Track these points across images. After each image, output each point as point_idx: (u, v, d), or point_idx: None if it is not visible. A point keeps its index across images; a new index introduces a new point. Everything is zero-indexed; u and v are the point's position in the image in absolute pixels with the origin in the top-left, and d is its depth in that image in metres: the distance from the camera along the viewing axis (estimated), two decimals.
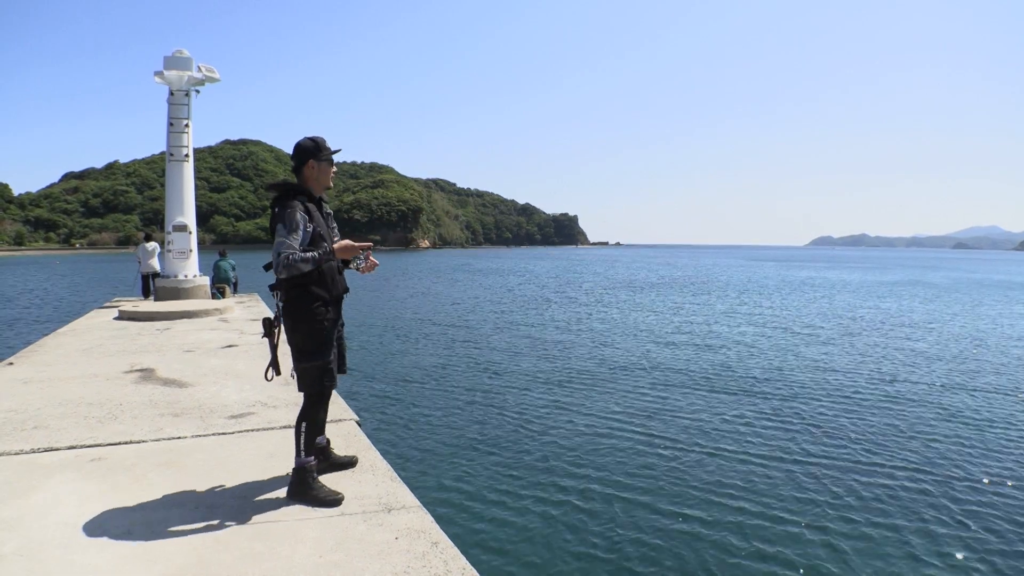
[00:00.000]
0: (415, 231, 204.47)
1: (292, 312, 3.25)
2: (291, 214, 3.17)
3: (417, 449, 8.44)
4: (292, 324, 3.26)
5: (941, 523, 6.48)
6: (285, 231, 3.15)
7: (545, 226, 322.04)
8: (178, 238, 14.10)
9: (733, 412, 10.41)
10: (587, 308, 27.51)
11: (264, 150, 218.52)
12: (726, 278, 52.77)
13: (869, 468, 7.94)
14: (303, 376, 3.29)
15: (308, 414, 3.28)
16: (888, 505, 6.88)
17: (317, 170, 3.40)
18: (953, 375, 13.57)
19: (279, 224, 3.17)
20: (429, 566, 2.60)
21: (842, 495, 7.12)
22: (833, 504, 6.88)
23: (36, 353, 7.58)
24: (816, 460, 8.18)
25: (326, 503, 3.15)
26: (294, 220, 3.16)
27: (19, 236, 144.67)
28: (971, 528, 6.39)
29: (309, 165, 3.38)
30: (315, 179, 3.42)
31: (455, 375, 13.11)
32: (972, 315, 25.99)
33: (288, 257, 3.09)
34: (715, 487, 7.30)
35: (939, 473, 7.82)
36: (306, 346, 3.26)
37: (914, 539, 6.15)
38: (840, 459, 8.23)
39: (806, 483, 7.45)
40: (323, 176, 3.44)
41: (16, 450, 3.93)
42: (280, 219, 3.18)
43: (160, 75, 13.97)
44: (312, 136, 3.43)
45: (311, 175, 3.40)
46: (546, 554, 5.74)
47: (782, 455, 8.36)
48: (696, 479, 7.53)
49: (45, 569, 2.53)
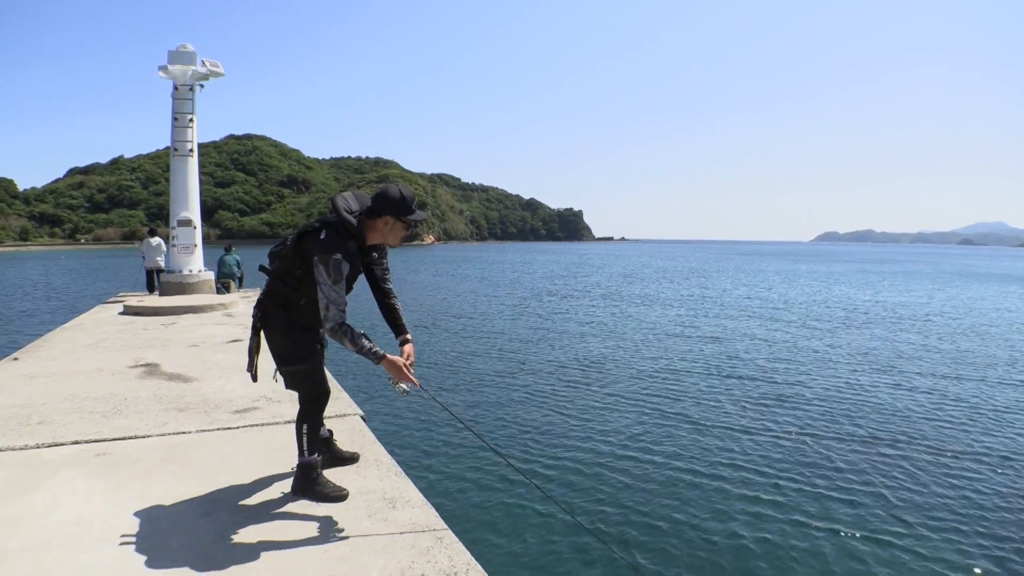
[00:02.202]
0: (420, 226, 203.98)
1: (273, 313, 3.16)
2: (337, 263, 2.86)
3: (422, 444, 8.44)
4: (272, 326, 3.17)
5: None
6: (331, 280, 2.86)
7: (550, 221, 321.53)
8: (183, 233, 14.10)
9: (733, 406, 10.39)
10: (594, 304, 27.47)
11: (269, 145, 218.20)
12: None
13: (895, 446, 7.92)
14: (290, 379, 3.20)
15: (307, 416, 3.16)
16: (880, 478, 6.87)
17: (390, 227, 3.07)
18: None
19: (321, 267, 2.86)
20: (434, 561, 2.59)
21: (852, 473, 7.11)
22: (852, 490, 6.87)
23: (41, 348, 7.60)
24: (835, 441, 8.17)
25: (331, 498, 3.11)
26: (340, 271, 2.87)
27: (24, 232, 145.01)
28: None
29: (384, 220, 3.04)
30: (379, 233, 3.09)
31: (459, 369, 13.11)
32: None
33: (344, 325, 2.89)
34: (717, 474, 7.29)
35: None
36: (285, 351, 3.16)
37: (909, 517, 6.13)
38: (850, 436, 8.21)
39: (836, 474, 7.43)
40: (391, 236, 3.11)
41: (21, 445, 3.93)
42: (324, 261, 2.86)
43: (164, 70, 13.96)
44: (405, 191, 3.06)
45: (379, 228, 3.07)
46: (551, 549, 5.73)
47: (808, 458, 8.34)
48: (702, 468, 7.52)
49: (49, 566, 2.52)
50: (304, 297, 3.10)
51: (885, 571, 5.49)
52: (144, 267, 16.07)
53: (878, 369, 13.51)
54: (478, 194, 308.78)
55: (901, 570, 5.53)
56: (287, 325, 3.15)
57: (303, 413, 3.17)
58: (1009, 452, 8.41)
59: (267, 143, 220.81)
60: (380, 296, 3.36)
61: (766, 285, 38.43)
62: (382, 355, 2.95)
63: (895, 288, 38.03)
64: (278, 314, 3.15)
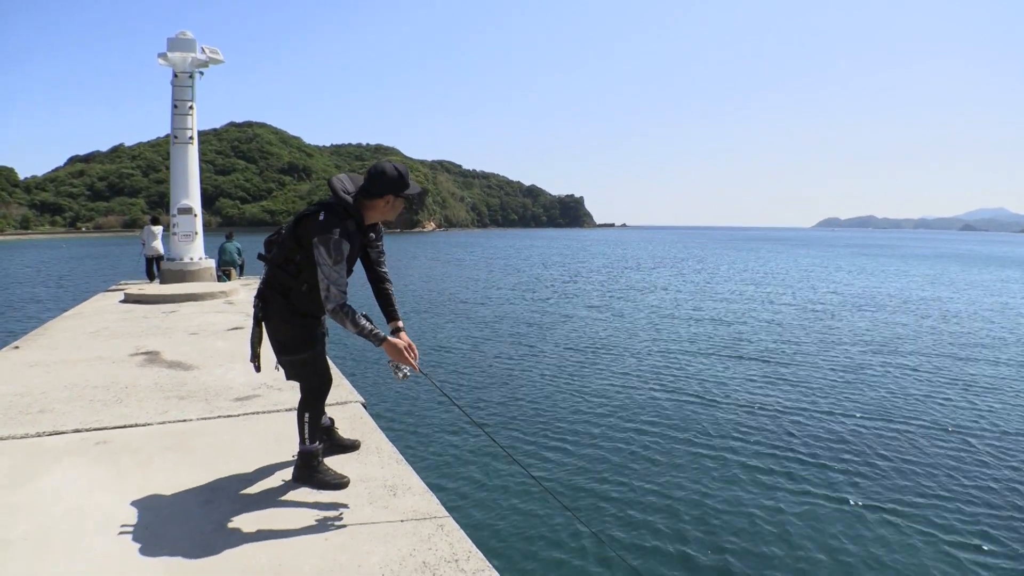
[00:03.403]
0: (421, 213, 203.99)
1: (273, 301, 3.11)
2: (337, 243, 2.83)
3: (423, 431, 8.46)
4: (273, 316, 3.12)
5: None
6: (330, 259, 2.82)
7: (551, 208, 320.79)
8: (183, 221, 14.08)
9: (736, 393, 10.39)
10: (595, 291, 27.45)
11: (269, 132, 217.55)
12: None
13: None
14: (291, 368, 3.16)
15: (309, 405, 3.12)
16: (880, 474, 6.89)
17: (390, 205, 3.05)
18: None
19: (321, 247, 2.83)
20: (434, 548, 2.59)
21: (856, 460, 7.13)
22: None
23: (42, 336, 7.60)
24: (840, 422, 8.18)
25: (332, 486, 3.11)
26: (341, 251, 2.84)
27: (25, 220, 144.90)
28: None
29: (385, 199, 3.02)
30: (379, 212, 3.06)
31: (461, 356, 13.12)
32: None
33: (345, 307, 2.85)
34: (717, 458, 7.31)
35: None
36: (286, 340, 3.12)
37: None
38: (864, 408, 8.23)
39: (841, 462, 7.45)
40: (391, 212, 3.08)
41: (22, 434, 3.93)
42: (324, 242, 2.82)
43: (164, 57, 13.88)
44: (399, 167, 3.02)
45: (379, 207, 3.04)
46: (551, 536, 5.75)
47: (811, 449, 8.35)
48: (703, 454, 7.54)
49: (52, 554, 2.52)
50: (305, 283, 3.06)
51: (904, 553, 5.52)
52: (145, 255, 16.05)
53: (900, 354, 13.52)
54: (479, 181, 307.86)
55: (914, 552, 5.56)
56: (288, 312, 3.11)
57: (304, 402, 3.13)
58: (1008, 427, 8.53)
59: (267, 130, 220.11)
60: (374, 280, 3.32)
61: (792, 278, 38.45)
62: (383, 337, 2.93)
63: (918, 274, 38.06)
64: (278, 302, 3.11)
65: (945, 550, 5.66)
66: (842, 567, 5.38)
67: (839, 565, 5.40)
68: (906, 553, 5.59)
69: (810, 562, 5.43)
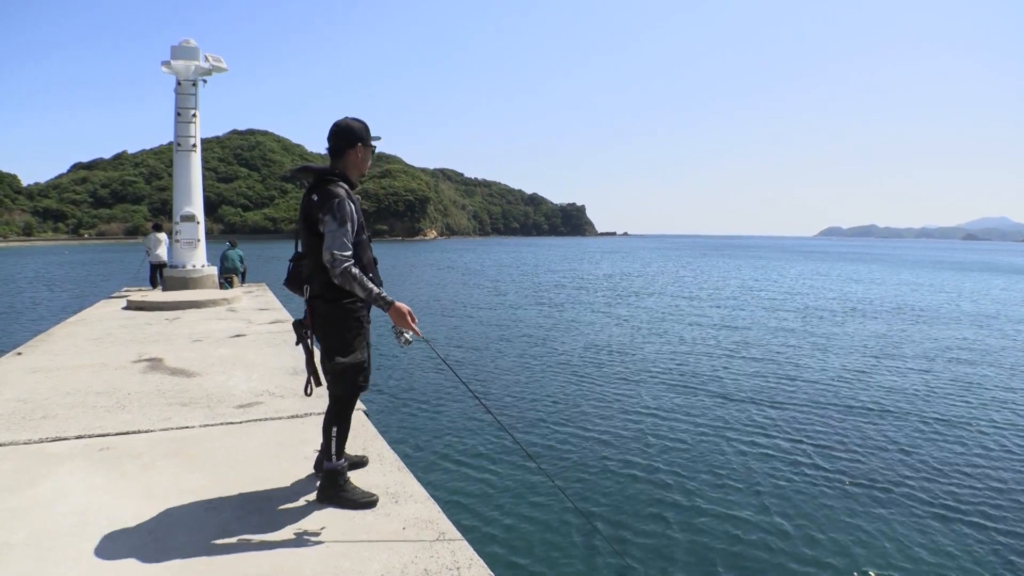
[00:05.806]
0: (422, 221, 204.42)
1: (324, 308, 3.01)
2: (341, 204, 2.88)
3: (425, 439, 8.45)
4: (324, 321, 3.03)
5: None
6: (336, 223, 2.85)
7: (552, 216, 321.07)
8: (186, 228, 14.12)
9: (740, 406, 10.38)
10: (597, 299, 27.45)
11: (272, 140, 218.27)
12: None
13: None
14: (337, 376, 3.02)
15: (339, 417, 3.03)
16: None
17: (363, 155, 3.14)
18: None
19: (327, 216, 2.86)
20: (436, 556, 2.59)
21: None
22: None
23: (45, 343, 7.61)
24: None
25: (360, 505, 3.01)
26: (345, 211, 2.88)
27: (28, 226, 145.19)
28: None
29: (357, 149, 3.10)
30: (356, 165, 3.14)
31: (463, 364, 13.11)
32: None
33: (350, 269, 2.84)
34: (722, 475, 7.29)
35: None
36: (341, 343, 3.01)
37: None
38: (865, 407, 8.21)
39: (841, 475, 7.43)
40: (364, 163, 3.17)
41: (25, 439, 3.94)
42: (328, 210, 2.87)
43: (167, 65, 13.95)
44: (356, 117, 3.15)
45: (354, 160, 3.12)
46: (553, 544, 5.73)
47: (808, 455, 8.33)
48: (706, 468, 7.51)
49: (54, 559, 2.53)
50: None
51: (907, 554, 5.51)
52: (148, 262, 16.09)
53: (913, 362, 13.50)
54: (481, 189, 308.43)
55: (916, 554, 5.54)
56: (337, 316, 3.01)
57: (335, 414, 3.04)
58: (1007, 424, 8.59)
59: (270, 138, 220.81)
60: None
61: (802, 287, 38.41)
62: (391, 301, 2.89)
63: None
64: (325, 308, 3.01)
65: (946, 550, 5.64)
66: (851, 562, 5.37)
67: (849, 560, 5.39)
68: (896, 543, 5.57)
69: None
